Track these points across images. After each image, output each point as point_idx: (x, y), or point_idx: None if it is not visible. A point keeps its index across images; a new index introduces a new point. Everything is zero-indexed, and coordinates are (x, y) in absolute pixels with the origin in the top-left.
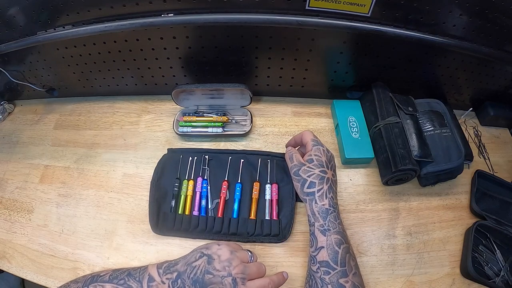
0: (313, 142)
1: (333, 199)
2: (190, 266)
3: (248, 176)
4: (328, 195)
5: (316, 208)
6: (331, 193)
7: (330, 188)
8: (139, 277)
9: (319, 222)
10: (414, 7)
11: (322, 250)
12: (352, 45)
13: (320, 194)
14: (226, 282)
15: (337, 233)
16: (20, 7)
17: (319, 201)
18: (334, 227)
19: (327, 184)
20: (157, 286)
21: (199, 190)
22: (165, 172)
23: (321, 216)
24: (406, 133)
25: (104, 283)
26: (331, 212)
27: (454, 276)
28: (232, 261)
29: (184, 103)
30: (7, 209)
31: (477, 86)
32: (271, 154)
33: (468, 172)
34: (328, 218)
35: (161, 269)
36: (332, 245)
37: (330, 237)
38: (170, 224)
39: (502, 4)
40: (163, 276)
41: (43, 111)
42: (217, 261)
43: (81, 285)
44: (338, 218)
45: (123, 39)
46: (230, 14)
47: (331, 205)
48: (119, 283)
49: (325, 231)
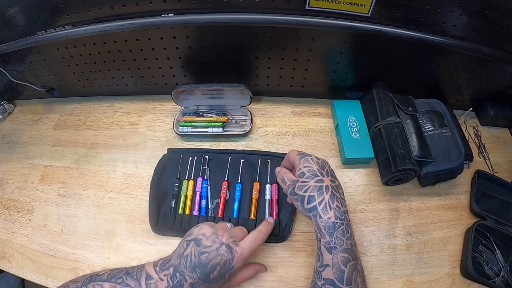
0: (298, 156)
1: (339, 209)
2: (182, 257)
3: (248, 176)
4: (332, 205)
5: (322, 223)
6: (335, 201)
7: (333, 196)
8: (136, 275)
9: (325, 238)
10: (414, 7)
11: (327, 268)
12: (352, 45)
13: (323, 206)
14: (221, 251)
15: (344, 251)
16: (20, 7)
17: (324, 214)
18: (341, 244)
19: (328, 193)
20: (155, 284)
21: (199, 190)
22: (165, 172)
23: (327, 232)
24: (406, 133)
25: (102, 282)
26: (339, 226)
27: (454, 276)
28: (217, 232)
29: (184, 103)
30: (7, 209)
31: (477, 86)
32: (271, 154)
33: (468, 172)
34: (335, 234)
35: (157, 267)
36: (338, 264)
37: (336, 256)
38: (170, 224)
39: (502, 4)
40: (160, 273)
41: (43, 111)
42: (204, 239)
43: (80, 285)
44: (346, 232)
45: (123, 39)
46: (230, 14)
47: (337, 217)
48: (117, 281)
49: (331, 249)
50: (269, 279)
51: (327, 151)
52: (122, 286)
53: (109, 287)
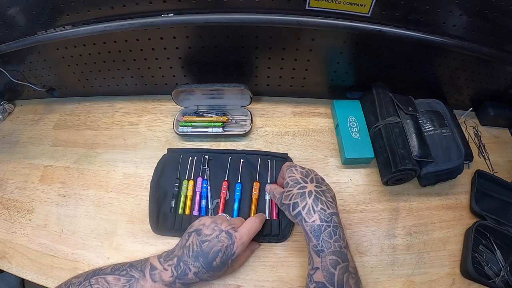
0: (287, 167)
1: (324, 211)
2: (185, 248)
3: (248, 176)
4: (316, 209)
5: (307, 227)
6: (320, 204)
7: (317, 200)
8: (141, 267)
9: (313, 242)
10: (414, 7)
11: (318, 271)
12: (352, 45)
13: (307, 210)
14: (221, 238)
15: (332, 254)
16: (20, 7)
17: (308, 218)
18: (329, 247)
19: (311, 197)
20: (159, 274)
21: (199, 190)
22: (165, 172)
23: (313, 235)
24: (406, 133)
25: (106, 275)
26: (325, 229)
27: (454, 276)
28: (217, 221)
29: (184, 103)
30: (7, 209)
31: (477, 86)
32: (271, 154)
33: (468, 172)
34: (322, 237)
35: (161, 258)
36: (327, 267)
37: (324, 259)
38: (170, 224)
39: (502, 4)
40: (164, 264)
41: (43, 111)
42: (204, 229)
43: (83, 280)
44: (334, 235)
45: (123, 39)
46: (230, 14)
47: (322, 219)
48: (121, 274)
49: (319, 252)
50: (269, 279)
51: (327, 151)
52: (126, 278)
53: (113, 279)
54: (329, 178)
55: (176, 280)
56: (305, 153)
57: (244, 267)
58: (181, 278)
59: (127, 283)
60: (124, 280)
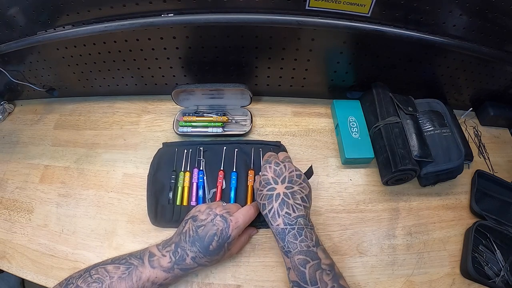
0: (263, 162)
1: (289, 215)
2: (182, 234)
3: (243, 164)
4: (281, 213)
5: (273, 229)
6: (285, 209)
7: (283, 204)
8: (140, 255)
9: (280, 243)
10: (414, 7)
11: (290, 271)
12: (352, 45)
13: (272, 214)
14: (216, 221)
15: (299, 253)
16: (20, 7)
17: (273, 222)
18: (295, 247)
19: (277, 201)
20: (158, 260)
21: (196, 180)
22: (161, 165)
23: (279, 237)
24: (406, 133)
25: (106, 265)
26: (289, 231)
27: (454, 276)
28: (212, 206)
29: (184, 103)
30: (7, 209)
31: (477, 86)
32: (264, 142)
33: (468, 172)
34: (287, 239)
35: (160, 246)
36: (297, 267)
37: (293, 259)
38: (169, 215)
39: (502, 4)
40: (162, 250)
41: (43, 111)
42: (200, 214)
43: (83, 272)
44: (299, 236)
45: (123, 39)
46: (230, 14)
47: (286, 223)
48: (121, 262)
49: (287, 252)
50: (269, 279)
51: (327, 151)
52: (125, 266)
53: (113, 268)
54: (329, 178)
55: (174, 265)
56: (305, 153)
57: (244, 267)
58: (179, 263)
59: (126, 271)
60: (124, 268)
